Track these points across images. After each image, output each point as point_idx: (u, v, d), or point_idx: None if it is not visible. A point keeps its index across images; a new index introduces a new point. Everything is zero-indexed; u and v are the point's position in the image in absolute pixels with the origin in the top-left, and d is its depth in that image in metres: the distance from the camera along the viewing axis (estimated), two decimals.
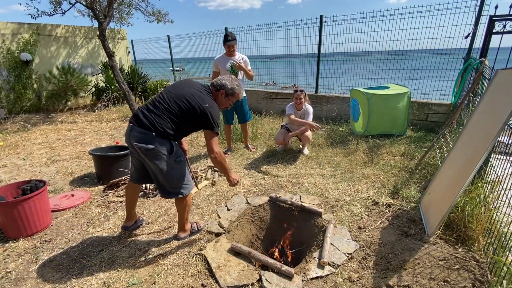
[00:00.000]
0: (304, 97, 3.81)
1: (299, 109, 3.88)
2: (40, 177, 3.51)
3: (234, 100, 2.26)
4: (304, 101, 3.83)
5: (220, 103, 2.19)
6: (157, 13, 7.08)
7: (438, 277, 1.67)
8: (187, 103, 1.93)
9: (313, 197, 2.80)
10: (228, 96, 2.18)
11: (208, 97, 2.04)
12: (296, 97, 3.80)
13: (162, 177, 1.99)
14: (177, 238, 2.27)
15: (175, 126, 1.94)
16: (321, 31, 5.65)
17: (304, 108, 3.86)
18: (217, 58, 3.80)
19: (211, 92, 2.14)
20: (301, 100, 3.78)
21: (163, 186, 2.04)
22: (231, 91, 2.17)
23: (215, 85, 2.16)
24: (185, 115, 1.94)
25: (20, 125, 6.06)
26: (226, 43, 3.67)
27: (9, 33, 6.87)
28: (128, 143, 1.98)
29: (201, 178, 3.36)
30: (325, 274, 1.85)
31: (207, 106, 1.95)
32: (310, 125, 3.70)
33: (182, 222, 2.25)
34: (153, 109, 1.93)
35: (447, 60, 4.52)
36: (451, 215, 2.08)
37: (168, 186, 2.03)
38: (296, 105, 3.85)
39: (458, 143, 2.39)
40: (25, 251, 2.17)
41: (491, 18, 3.11)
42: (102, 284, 1.83)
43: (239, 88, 2.21)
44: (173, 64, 9.17)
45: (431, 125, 4.79)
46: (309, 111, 3.82)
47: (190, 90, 2.00)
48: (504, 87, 1.94)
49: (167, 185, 2.03)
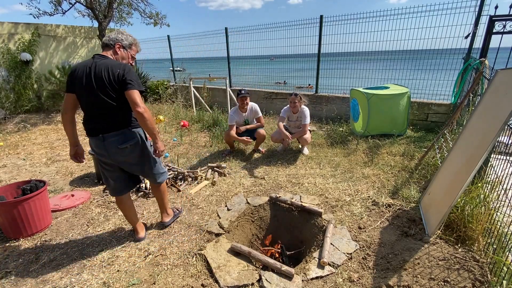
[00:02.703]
0: (299, 100, 3.83)
1: (295, 112, 3.90)
2: (40, 177, 3.52)
3: (135, 52, 2.11)
4: (299, 104, 3.84)
5: (123, 59, 2.05)
6: (154, 16, 7.06)
7: (438, 277, 1.67)
8: (106, 82, 1.82)
9: (313, 197, 2.80)
10: (125, 48, 2.04)
11: (112, 61, 1.91)
12: (291, 100, 3.83)
13: (149, 165, 2.13)
14: (164, 224, 2.42)
15: (121, 111, 1.91)
16: (321, 31, 5.65)
17: (300, 111, 3.87)
18: (231, 115, 3.98)
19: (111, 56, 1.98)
20: (295, 104, 3.81)
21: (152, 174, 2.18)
22: (126, 42, 2.03)
23: (107, 44, 1.99)
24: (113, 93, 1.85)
25: (20, 125, 6.06)
26: (239, 96, 3.94)
27: (9, 33, 6.88)
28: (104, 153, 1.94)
29: (201, 178, 3.36)
30: (325, 274, 1.85)
31: (118, 70, 1.84)
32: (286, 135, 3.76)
33: (165, 207, 2.42)
34: (97, 116, 1.88)
35: (447, 60, 4.52)
36: (451, 215, 2.08)
37: (156, 171, 2.19)
38: (291, 109, 3.89)
39: (458, 143, 2.39)
40: (25, 251, 2.17)
41: (491, 18, 3.11)
42: (102, 284, 1.83)
43: (132, 37, 2.08)
44: (173, 64, 9.17)
45: (431, 125, 4.79)
46: (305, 113, 3.83)
47: (96, 73, 1.83)
48: (504, 87, 1.94)
49: (154, 170, 2.17)
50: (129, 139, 1.95)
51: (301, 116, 3.87)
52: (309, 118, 3.84)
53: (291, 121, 4.04)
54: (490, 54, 3.17)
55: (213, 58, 8.21)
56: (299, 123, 3.96)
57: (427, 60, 4.82)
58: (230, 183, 3.21)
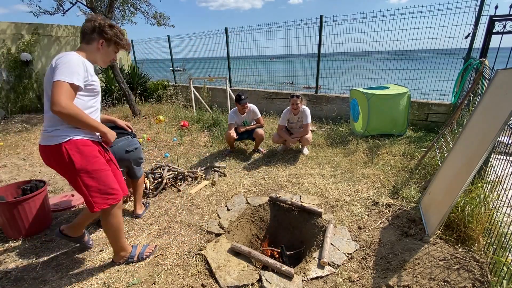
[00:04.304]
0: (301, 102, 3.85)
1: (296, 113, 3.92)
2: (40, 177, 3.52)
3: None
4: (301, 104, 3.86)
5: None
6: (158, 16, 7.03)
7: (438, 277, 1.67)
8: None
9: (313, 197, 2.80)
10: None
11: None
12: (292, 102, 3.84)
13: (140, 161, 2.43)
14: (138, 215, 2.58)
15: None
16: (321, 31, 5.66)
17: (301, 111, 3.88)
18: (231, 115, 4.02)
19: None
20: (297, 105, 3.82)
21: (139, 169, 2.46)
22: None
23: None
24: None
25: (20, 125, 6.06)
26: (240, 102, 3.89)
27: (9, 33, 6.88)
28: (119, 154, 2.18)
29: (201, 178, 3.36)
30: (325, 274, 1.85)
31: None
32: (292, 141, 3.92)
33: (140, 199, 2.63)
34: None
35: (447, 60, 4.53)
36: (451, 215, 2.08)
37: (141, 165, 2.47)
38: (292, 110, 3.91)
39: (458, 143, 2.39)
40: (25, 251, 2.17)
41: (491, 18, 3.11)
42: (102, 284, 1.83)
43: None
44: (173, 64, 9.17)
45: (431, 125, 4.79)
46: (307, 113, 3.85)
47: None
48: (504, 87, 1.94)
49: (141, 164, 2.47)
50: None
51: (303, 117, 3.88)
52: (310, 118, 3.86)
53: (292, 123, 4.04)
54: (490, 54, 3.17)
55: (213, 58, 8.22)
56: (300, 124, 3.97)
57: (427, 60, 4.82)
58: (230, 183, 3.21)
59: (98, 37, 1.66)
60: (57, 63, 1.48)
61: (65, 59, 1.49)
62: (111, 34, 1.68)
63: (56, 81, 1.42)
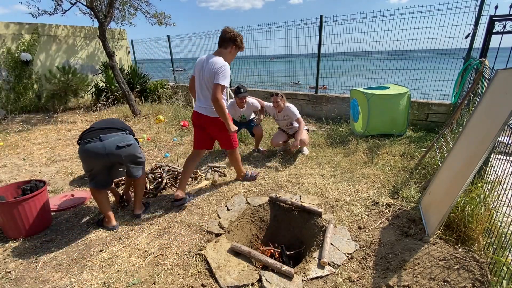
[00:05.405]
0: (281, 99, 3.84)
1: (280, 111, 3.91)
2: (40, 177, 3.52)
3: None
4: (283, 102, 3.85)
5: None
6: (159, 16, 7.02)
7: (438, 277, 1.67)
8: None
9: (313, 197, 2.80)
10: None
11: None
12: (273, 100, 3.85)
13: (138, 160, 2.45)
14: (137, 215, 2.58)
15: None
16: (321, 31, 5.65)
17: (285, 109, 3.87)
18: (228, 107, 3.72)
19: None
20: (278, 103, 3.82)
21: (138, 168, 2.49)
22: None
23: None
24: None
25: (20, 125, 6.06)
26: (238, 95, 3.66)
27: (9, 33, 6.88)
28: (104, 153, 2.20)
29: (201, 178, 3.36)
30: (325, 274, 1.85)
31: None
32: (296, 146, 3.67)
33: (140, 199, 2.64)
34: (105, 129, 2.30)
35: (447, 60, 4.52)
36: (451, 215, 2.08)
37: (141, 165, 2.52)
38: (275, 108, 3.91)
39: (458, 143, 2.39)
40: (25, 251, 2.17)
41: (491, 18, 3.11)
42: (102, 284, 1.83)
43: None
44: (173, 64, 9.18)
45: (431, 125, 4.79)
46: (292, 109, 3.83)
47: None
48: (504, 87, 1.94)
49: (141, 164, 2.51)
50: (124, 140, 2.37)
51: (288, 114, 3.88)
52: (297, 112, 3.84)
53: (278, 119, 4.06)
54: (490, 54, 3.17)
55: None
56: (287, 122, 3.98)
57: (427, 60, 4.82)
58: (230, 183, 3.21)
59: (231, 44, 2.54)
60: (220, 70, 2.38)
61: (226, 67, 2.40)
62: (238, 42, 2.56)
63: (218, 84, 2.37)
